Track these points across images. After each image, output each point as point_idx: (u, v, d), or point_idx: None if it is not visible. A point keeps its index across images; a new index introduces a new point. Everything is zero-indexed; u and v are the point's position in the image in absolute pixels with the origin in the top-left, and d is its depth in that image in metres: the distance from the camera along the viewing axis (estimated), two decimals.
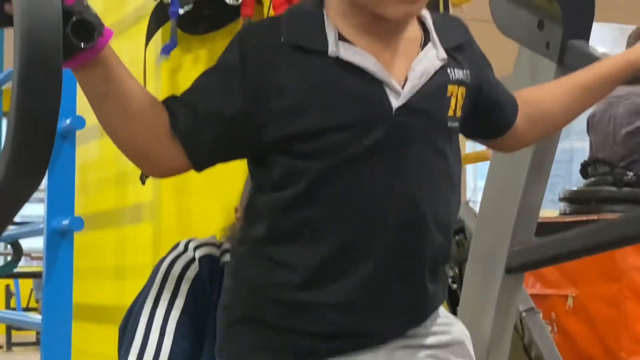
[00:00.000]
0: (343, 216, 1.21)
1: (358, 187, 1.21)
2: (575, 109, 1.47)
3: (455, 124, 1.29)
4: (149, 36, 2.54)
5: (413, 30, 1.28)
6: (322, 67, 1.21)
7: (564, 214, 3.66)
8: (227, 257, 1.54)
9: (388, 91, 1.21)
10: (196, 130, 1.20)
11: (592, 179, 3.67)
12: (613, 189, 3.54)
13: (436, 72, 1.25)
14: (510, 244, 1.76)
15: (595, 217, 3.37)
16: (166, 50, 2.48)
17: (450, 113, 1.27)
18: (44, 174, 0.98)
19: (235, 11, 2.53)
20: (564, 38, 1.64)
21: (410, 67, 1.24)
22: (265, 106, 1.20)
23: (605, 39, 6.87)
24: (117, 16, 2.95)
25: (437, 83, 1.25)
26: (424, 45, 1.27)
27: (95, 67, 1.13)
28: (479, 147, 2.98)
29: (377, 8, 1.21)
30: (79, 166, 2.89)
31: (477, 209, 2.16)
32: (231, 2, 2.47)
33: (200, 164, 1.24)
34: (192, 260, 1.54)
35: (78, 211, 2.82)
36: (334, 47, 1.21)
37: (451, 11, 2.92)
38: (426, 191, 1.24)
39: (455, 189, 1.30)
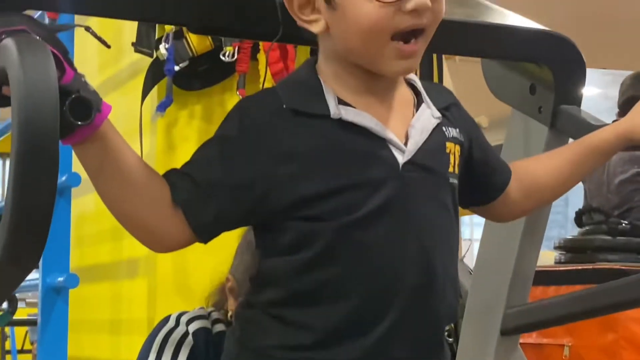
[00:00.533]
0: (360, 276, 1.22)
1: (373, 246, 1.22)
2: (568, 181, 1.49)
3: (456, 181, 1.32)
4: (145, 93, 2.56)
5: (405, 93, 1.32)
6: (326, 129, 1.23)
7: (559, 262, 3.67)
8: (218, 327, 1.54)
9: (392, 149, 1.24)
10: (198, 201, 1.21)
11: (587, 228, 3.68)
12: (608, 237, 3.55)
13: (433, 130, 1.29)
14: (506, 306, 1.76)
15: (590, 266, 3.39)
16: (162, 107, 2.50)
17: (451, 169, 1.30)
18: (39, 259, 0.99)
19: (230, 67, 2.56)
20: (556, 103, 1.65)
21: (410, 125, 1.27)
22: (272, 173, 1.21)
23: (599, 82, 6.93)
24: (112, 71, 2.97)
25: (435, 140, 1.29)
26: (417, 106, 1.30)
27: (93, 143, 1.14)
28: None
29: (375, 66, 1.24)
30: (74, 219, 2.90)
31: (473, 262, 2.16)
32: (226, 58, 2.50)
33: (204, 235, 1.24)
34: (186, 334, 1.54)
35: (73, 264, 2.83)
36: (335, 110, 1.23)
37: (444, 63, 2.95)
38: (437, 247, 1.26)
39: (457, 246, 1.32)
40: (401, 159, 1.24)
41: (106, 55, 2.94)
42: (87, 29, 1.23)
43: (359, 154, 1.23)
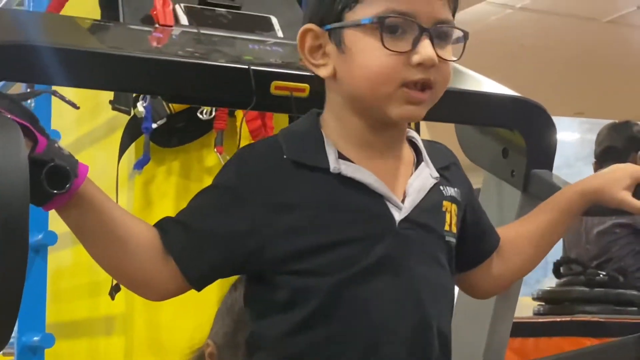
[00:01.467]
0: (356, 333, 1.22)
1: (369, 302, 1.22)
2: (545, 246, 1.50)
3: (453, 240, 1.33)
4: (122, 151, 2.56)
5: (406, 151, 1.33)
6: (325, 183, 1.24)
7: (538, 313, 3.68)
8: None
9: (390, 205, 1.25)
10: (191, 251, 1.21)
11: (565, 279, 3.70)
12: (585, 289, 3.57)
13: (431, 189, 1.30)
14: None
15: (568, 318, 3.40)
16: (139, 165, 2.49)
17: (447, 227, 1.32)
18: (7, 341, 0.99)
19: (208, 124, 2.55)
20: (528, 167, 1.67)
21: (408, 183, 1.28)
22: (268, 224, 1.22)
23: (578, 128, 6.99)
24: (90, 126, 2.97)
25: (433, 199, 1.30)
26: (417, 165, 1.32)
27: (75, 206, 1.15)
28: None
29: (381, 109, 1.25)
30: (51, 274, 2.88)
31: None
32: (204, 116, 2.50)
33: (198, 285, 1.24)
34: None
35: (50, 319, 2.80)
36: (335, 164, 1.24)
37: None
38: (432, 304, 1.26)
39: (452, 303, 1.33)
40: (398, 216, 1.25)
41: (84, 110, 2.94)
42: (54, 93, 1.23)
43: (356, 210, 1.24)
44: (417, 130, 2.92)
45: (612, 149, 3.98)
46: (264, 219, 1.21)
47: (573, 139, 6.67)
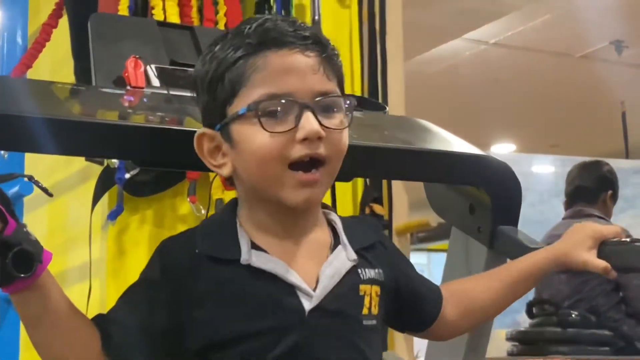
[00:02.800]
0: None
1: None
2: (504, 301, 1.52)
3: (372, 322, 1.31)
4: (95, 200, 2.58)
5: (323, 234, 1.33)
6: (235, 275, 1.24)
7: (511, 354, 3.70)
8: None
9: (300, 294, 1.24)
10: (127, 348, 1.22)
11: (538, 319, 3.72)
12: (558, 329, 3.59)
13: (347, 273, 1.29)
14: None
15: (541, 359, 3.42)
16: (112, 216, 2.51)
17: (365, 311, 1.30)
18: None
19: (181, 174, 2.58)
20: (494, 224, 1.69)
21: (321, 269, 1.27)
22: (187, 317, 1.23)
23: (552, 163, 7.03)
24: (63, 174, 2.98)
25: (348, 283, 1.29)
26: (334, 248, 1.31)
27: (31, 291, 1.15)
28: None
29: (277, 195, 1.25)
30: None
31: None
32: None
33: None
34: None
35: None
36: (246, 256, 1.24)
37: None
38: None
39: None
40: (308, 305, 1.24)
41: (58, 158, 2.96)
42: (30, 178, 1.25)
43: (264, 301, 1.23)
44: (389, 185, 2.97)
45: (582, 188, 4.02)
46: (180, 314, 1.23)
47: (549, 172, 6.71)
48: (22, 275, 1.11)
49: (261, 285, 1.23)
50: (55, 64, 3.08)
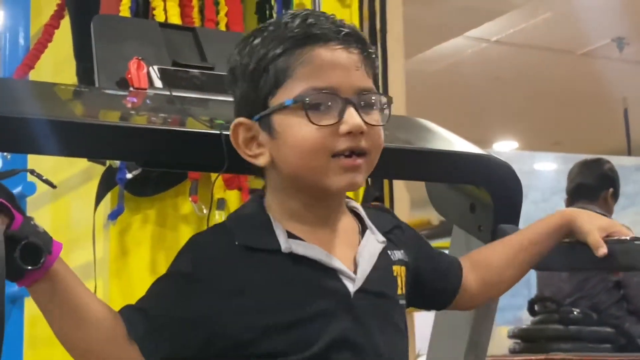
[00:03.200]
0: None
1: None
2: (520, 266, 1.55)
3: (404, 302, 1.36)
4: (98, 201, 2.58)
5: (349, 221, 1.36)
6: (278, 263, 1.26)
7: (513, 351, 3.71)
8: None
9: (343, 278, 1.28)
10: (154, 337, 1.23)
11: (540, 317, 3.73)
12: (560, 327, 3.60)
13: (380, 255, 1.33)
14: None
15: (543, 356, 3.43)
16: (113, 216, 2.52)
17: (399, 291, 1.35)
18: None
19: (182, 174, 2.59)
20: (495, 222, 1.70)
21: (357, 252, 1.31)
22: (225, 309, 1.24)
23: (553, 161, 7.04)
24: (66, 174, 2.99)
25: (382, 265, 1.33)
26: (362, 232, 1.35)
27: (45, 282, 1.17)
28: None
29: (320, 183, 1.28)
30: (29, 320, 2.89)
31: None
32: None
33: None
34: None
35: None
36: (286, 244, 1.27)
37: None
38: None
39: None
40: (352, 287, 1.27)
41: (61, 159, 2.97)
42: (32, 172, 1.26)
43: (309, 287, 1.26)
44: (391, 184, 2.98)
45: (583, 186, 4.03)
46: (218, 305, 1.24)
47: (550, 170, 6.71)
48: (31, 267, 1.12)
49: (305, 271, 1.26)
50: (58, 64, 3.09)
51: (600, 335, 3.61)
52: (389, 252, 1.35)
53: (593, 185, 4.01)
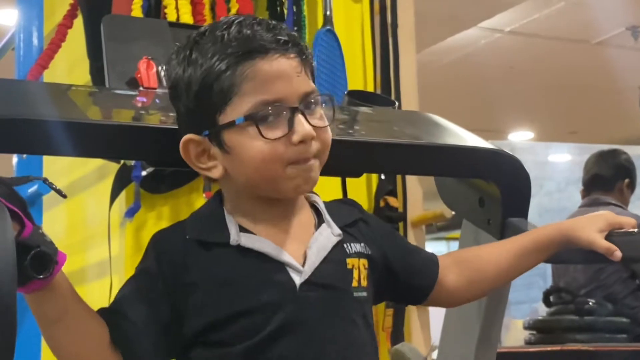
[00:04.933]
0: None
1: None
2: (511, 273, 1.54)
3: (363, 294, 1.36)
4: (113, 198, 2.61)
5: (306, 215, 1.39)
6: (226, 257, 1.29)
7: (529, 343, 3.72)
8: None
9: (290, 270, 1.30)
10: (135, 337, 1.26)
11: (555, 308, 3.74)
12: (575, 317, 3.61)
13: (333, 248, 1.35)
14: None
15: (558, 347, 3.43)
16: (130, 213, 2.54)
17: (354, 284, 1.35)
18: None
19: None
20: (504, 216, 1.71)
21: (308, 245, 1.33)
22: (184, 303, 1.28)
23: (570, 150, 7.03)
24: (81, 172, 3.02)
25: (335, 257, 1.34)
26: (318, 226, 1.37)
27: (47, 291, 1.19)
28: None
29: (277, 190, 1.31)
30: None
31: None
32: None
33: None
34: None
35: None
36: (235, 237, 1.30)
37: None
38: None
39: (370, 356, 1.36)
40: (298, 280, 1.29)
41: (75, 157, 3.00)
42: (45, 180, 1.28)
43: (256, 279, 1.28)
44: (403, 177, 2.98)
45: (599, 177, 4.03)
46: (177, 300, 1.28)
47: (565, 161, 6.70)
48: (41, 276, 1.14)
49: (251, 264, 1.29)
50: (71, 64, 3.11)
51: (615, 325, 3.62)
52: (344, 245, 1.36)
53: (609, 176, 4.01)
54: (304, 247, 1.33)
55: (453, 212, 2.17)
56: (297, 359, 1.27)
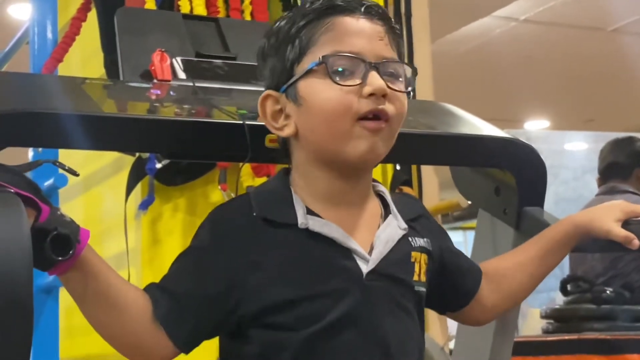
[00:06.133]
0: None
1: (337, 355, 1.25)
2: (537, 275, 1.54)
3: (422, 289, 1.36)
4: (129, 191, 2.61)
5: (374, 204, 1.37)
6: (293, 238, 1.27)
7: (546, 331, 3.70)
8: None
9: (357, 258, 1.28)
10: (176, 315, 1.25)
11: (573, 296, 3.72)
12: (592, 306, 3.58)
13: (399, 240, 1.33)
14: None
15: (576, 336, 3.42)
16: (144, 205, 2.55)
17: (416, 277, 1.34)
18: None
19: (212, 162, 2.61)
20: (520, 205, 1.70)
21: (375, 235, 1.31)
22: (242, 282, 1.25)
23: (586, 138, 6.99)
24: (97, 165, 3.03)
25: (401, 250, 1.33)
26: (385, 217, 1.35)
27: (76, 270, 1.19)
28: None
29: (341, 149, 1.28)
30: (64, 310, 2.93)
31: None
32: None
33: (185, 348, 1.28)
34: None
35: (63, 354, 2.85)
36: (303, 220, 1.27)
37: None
38: (401, 355, 1.29)
39: (420, 349, 1.35)
40: (365, 268, 1.28)
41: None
42: (55, 162, 1.28)
43: (323, 264, 1.27)
44: (419, 167, 2.98)
45: (615, 164, 4.01)
46: (236, 278, 1.25)
47: (581, 149, 6.66)
48: (61, 258, 1.14)
49: (319, 248, 1.27)
50: (86, 57, 3.12)
51: (633, 314, 3.59)
52: (409, 238, 1.35)
53: (625, 164, 3.99)
54: (370, 236, 1.31)
55: (469, 202, 2.16)
56: (358, 349, 1.26)
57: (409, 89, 1.32)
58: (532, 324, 5.22)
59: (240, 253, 1.26)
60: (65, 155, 3.04)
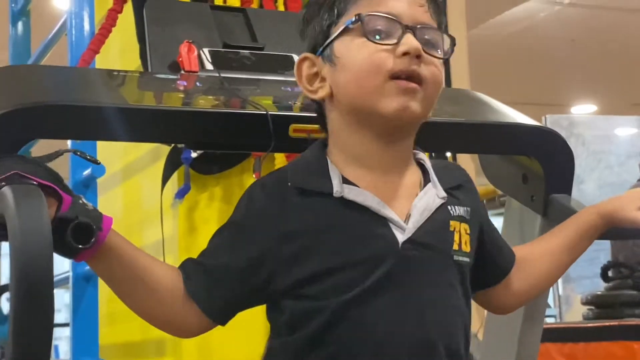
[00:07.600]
0: (357, 354, 1.24)
1: (371, 324, 1.24)
2: (563, 264, 1.54)
3: (464, 259, 1.34)
4: (165, 180, 2.64)
5: (413, 172, 1.35)
6: (328, 207, 1.27)
7: (587, 318, 3.68)
8: None
9: (393, 227, 1.27)
10: (208, 289, 1.27)
11: (614, 282, 3.69)
12: (634, 292, 3.56)
13: (437, 209, 1.32)
14: None
15: (616, 322, 3.40)
16: (180, 194, 2.57)
17: (455, 247, 1.33)
18: None
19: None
20: (547, 192, 1.70)
21: (412, 204, 1.30)
22: (276, 253, 1.26)
23: (632, 125, 6.88)
24: (135, 155, 3.06)
25: (439, 219, 1.32)
26: (424, 186, 1.34)
27: (102, 256, 1.22)
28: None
29: (375, 108, 1.28)
30: (106, 298, 2.97)
31: None
32: None
33: (219, 320, 1.30)
34: None
35: (103, 341, 2.89)
36: (338, 188, 1.27)
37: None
38: (438, 325, 1.28)
39: (464, 322, 1.33)
40: (401, 237, 1.27)
41: None
42: (75, 152, 1.31)
43: (358, 233, 1.26)
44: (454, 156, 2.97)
45: None
46: (271, 250, 1.26)
47: (628, 134, 6.57)
48: (83, 246, 1.15)
49: (354, 217, 1.27)
50: (123, 48, 3.15)
51: None
52: (449, 207, 1.33)
53: None
54: (408, 204, 1.30)
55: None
56: (391, 318, 1.25)
57: (446, 56, 1.32)
58: (576, 309, 5.18)
59: (274, 224, 1.27)
60: (104, 146, 3.07)
